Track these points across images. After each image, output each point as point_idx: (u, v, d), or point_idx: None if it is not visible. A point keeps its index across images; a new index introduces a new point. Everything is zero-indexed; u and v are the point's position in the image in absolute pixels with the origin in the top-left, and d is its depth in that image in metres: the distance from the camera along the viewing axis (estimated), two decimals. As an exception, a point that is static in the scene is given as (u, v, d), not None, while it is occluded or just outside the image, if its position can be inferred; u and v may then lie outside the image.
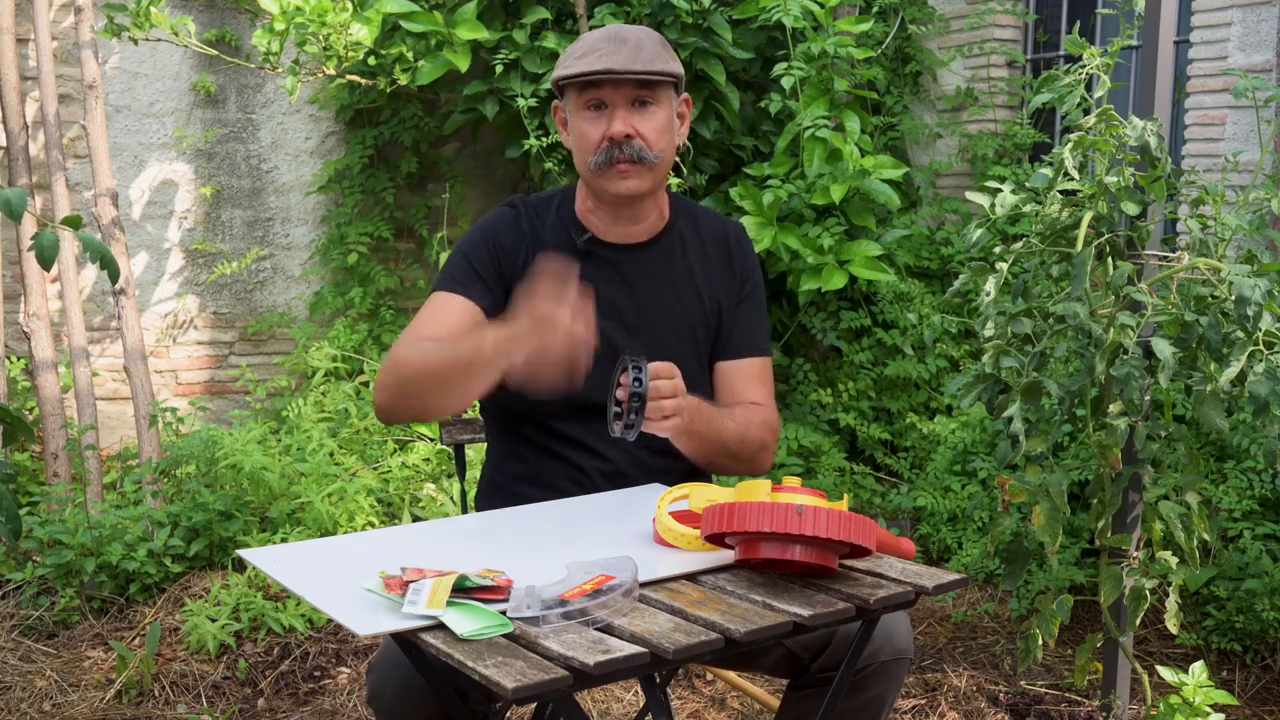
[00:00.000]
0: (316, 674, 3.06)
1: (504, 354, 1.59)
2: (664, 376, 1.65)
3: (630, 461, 1.89)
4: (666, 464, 1.91)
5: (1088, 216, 2.26)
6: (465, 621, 1.24)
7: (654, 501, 1.64)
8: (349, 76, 4.30)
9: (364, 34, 4.03)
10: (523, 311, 1.56)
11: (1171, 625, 2.32)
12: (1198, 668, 2.30)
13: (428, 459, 3.87)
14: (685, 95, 1.94)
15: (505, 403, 1.94)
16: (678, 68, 1.87)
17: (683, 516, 1.55)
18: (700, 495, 1.55)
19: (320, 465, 3.64)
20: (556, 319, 1.53)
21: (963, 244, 4.30)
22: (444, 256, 4.56)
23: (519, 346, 1.56)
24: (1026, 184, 2.46)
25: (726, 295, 1.98)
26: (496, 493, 1.97)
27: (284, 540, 3.30)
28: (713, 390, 1.99)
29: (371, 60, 4.24)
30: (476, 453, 3.33)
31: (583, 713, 1.38)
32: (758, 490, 1.42)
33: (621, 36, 1.83)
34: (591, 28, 4.23)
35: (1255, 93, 2.33)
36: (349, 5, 4.02)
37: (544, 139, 4.18)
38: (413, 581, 1.30)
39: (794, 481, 1.45)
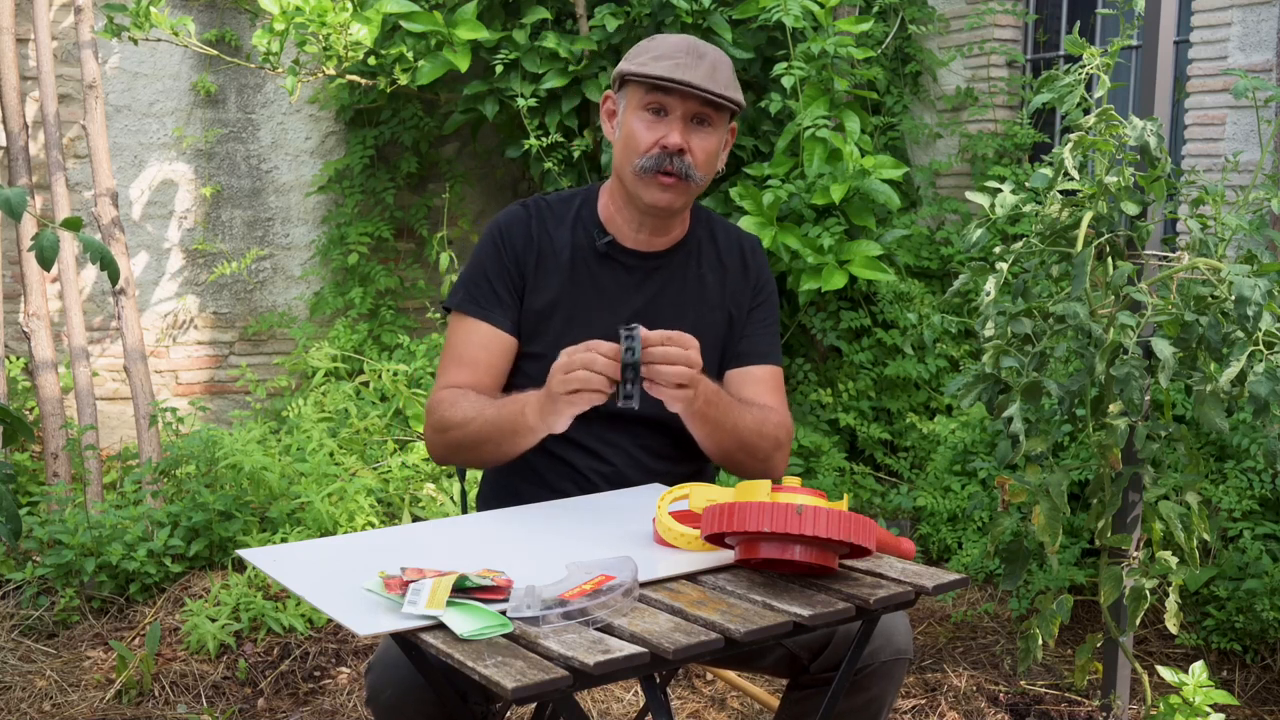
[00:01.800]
0: (316, 674, 3.06)
1: (545, 422, 1.70)
2: (676, 344, 1.64)
3: (630, 464, 1.89)
4: (666, 466, 1.91)
5: (1088, 216, 2.26)
6: (465, 621, 1.24)
7: (654, 501, 1.64)
8: (349, 76, 4.30)
9: (364, 34, 4.03)
10: (554, 385, 1.65)
11: (1171, 625, 2.32)
12: (1198, 668, 2.30)
13: (428, 459, 3.87)
14: (734, 125, 1.95)
15: None
16: (741, 99, 1.87)
17: (683, 516, 1.55)
18: (700, 495, 1.54)
19: (320, 465, 3.64)
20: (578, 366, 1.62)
21: (963, 244, 4.30)
22: (444, 257, 4.57)
23: (556, 411, 1.66)
24: (1026, 184, 2.46)
25: (739, 306, 1.98)
26: (496, 493, 1.97)
27: (284, 540, 3.30)
28: None
29: (371, 60, 4.24)
30: (476, 453, 3.33)
31: (583, 713, 1.38)
32: (757, 490, 1.42)
33: (699, 51, 1.83)
34: (592, 28, 4.24)
35: (1255, 93, 2.34)
36: (349, 5, 4.02)
37: (544, 139, 4.18)
38: (413, 581, 1.30)
39: (794, 481, 1.45)
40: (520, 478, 1.93)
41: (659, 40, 1.87)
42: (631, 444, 1.90)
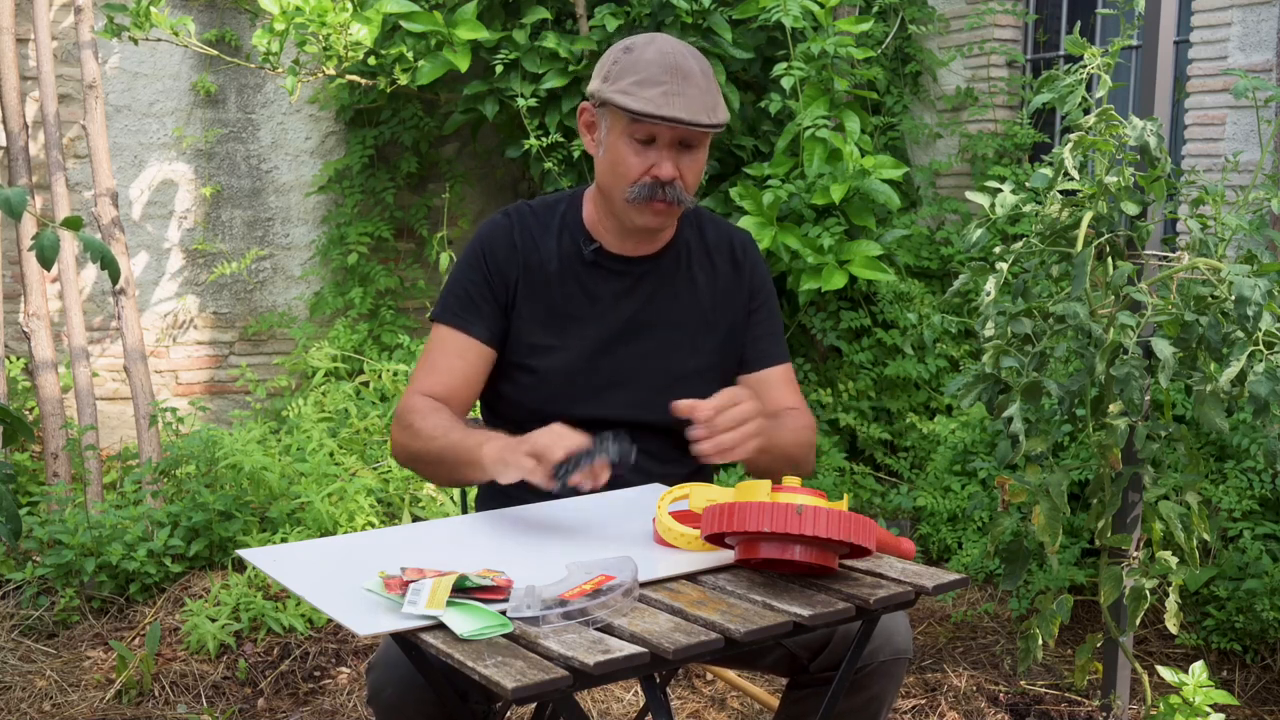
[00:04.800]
0: (316, 674, 3.06)
1: (494, 470, 1.64)
2: (732, 403, 1.60)
3: (629, 468, 1.89)
4: (664, 469, 1.91)
5: (1088, 216, 2.26)
6: (465, 621, 1.24)
7: (654, 501, 1.64)
8: (349, 76, 4.30)
9: (364, 34, 4.03)
10: (522, 443, 1.60)
11: (1171, 625, 2.32)
12: (1198, 668, 2.30)
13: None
14: None
15: (503, 411, 1.94)
16: (727, 111, 1.83)
17: (683, 516, 1.55)
18: (700, 495, 1.54)
19: (320, 465, 3.64)
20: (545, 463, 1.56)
21: (963, 244, 4.30)
22: (444, 257, 4.57)
23: (508, 471, 1.61)
24: (1026, 184, 2.46)
25: (734, 305, 1.97)
26: (496, 494, 1.97)
27: (284, 540, 3.30)
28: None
29: (371, 60, 4.24)
30: (476, 453, 3.32)
31: (583, 713, 1.38)
32: (757, 490, 1.42)
33: (683, 70, 1.76)
34: (592, 28, 4.24)
35: (1255, 93, 2.34)
36: (349, 5, 4.02)
37: (544, 139, 4.18)
38: (413, 581, 1.30)
39: (794, 481, 1.45)
40: (518, 484, 1.92)
41: (637, 57, 1.77)
42: None
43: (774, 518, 1.33)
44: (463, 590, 1.30)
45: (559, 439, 1.56)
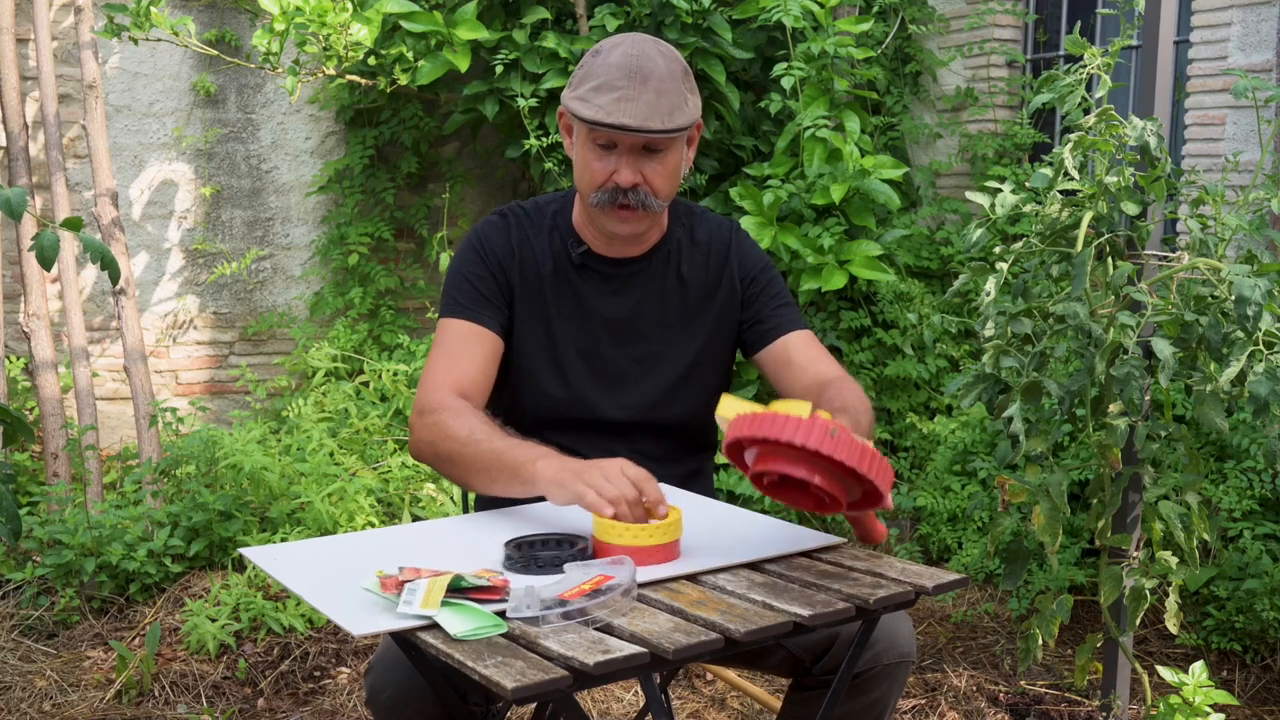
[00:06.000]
0: (316, 674, 3.06)
1: (550, 489, 1.56)
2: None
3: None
4: (664, 470, 1.90)
5: (1088, 216, 2.26)
6: (459, 622, 1.24)
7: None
8: (349, 76, 4.30)
9: (364, 34, 4.03)
10: (587, 470, 1.52)
11: (1171, 625, 2.32)
12: (1198, 668, 2.30)
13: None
14: (699, 123, 1.84)
15: (498, 414, 1.94)
16: (695, 110, 1.78)
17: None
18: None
19: (320, 465, 3.63)
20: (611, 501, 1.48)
21: (963, 244, 4.30)
22: (444, 257, 4.57)
23: (564, 496, 1.54)
24: (1026, 184, 2.46)
25: (722, 296, 1.95)
26: (494, 501, 1.96)
27: (284, 540, 3.30)
28: (734, 380, 1.98)
29: (371, 60, 4.24)
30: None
31: (583, 713, 1.38)
32: (796, 407, 1.37)
33: (643, 74, 1.71)
34: (592, 28, 4.24)
35: (1255, 93, 2.33)
36: (349, 5, 4.02)
37: (544, 139, 4.18)
38: (408, 581, 1.30)
39: (825, 415, 1.41)
40: None
41: (602, 61, 1.75)
42: (629, 451, 1.89)
43: (810, 432, 1.29)
44: (458, 590, 1.29)
45: (619, 473, 1.49)
